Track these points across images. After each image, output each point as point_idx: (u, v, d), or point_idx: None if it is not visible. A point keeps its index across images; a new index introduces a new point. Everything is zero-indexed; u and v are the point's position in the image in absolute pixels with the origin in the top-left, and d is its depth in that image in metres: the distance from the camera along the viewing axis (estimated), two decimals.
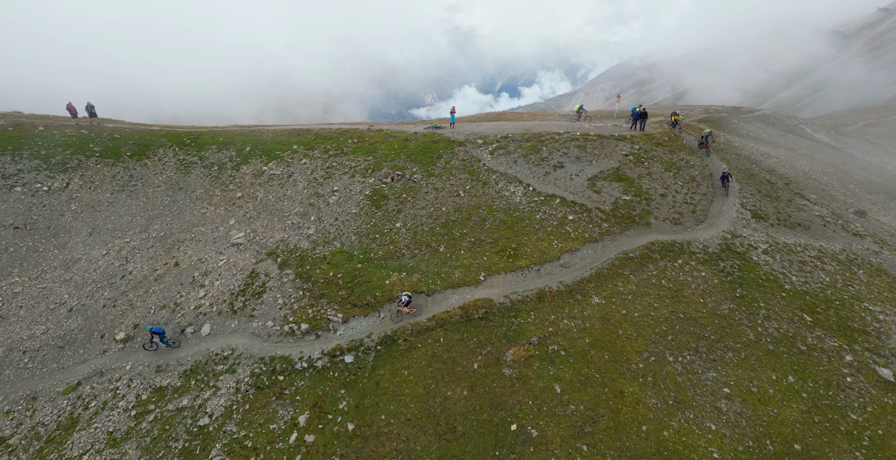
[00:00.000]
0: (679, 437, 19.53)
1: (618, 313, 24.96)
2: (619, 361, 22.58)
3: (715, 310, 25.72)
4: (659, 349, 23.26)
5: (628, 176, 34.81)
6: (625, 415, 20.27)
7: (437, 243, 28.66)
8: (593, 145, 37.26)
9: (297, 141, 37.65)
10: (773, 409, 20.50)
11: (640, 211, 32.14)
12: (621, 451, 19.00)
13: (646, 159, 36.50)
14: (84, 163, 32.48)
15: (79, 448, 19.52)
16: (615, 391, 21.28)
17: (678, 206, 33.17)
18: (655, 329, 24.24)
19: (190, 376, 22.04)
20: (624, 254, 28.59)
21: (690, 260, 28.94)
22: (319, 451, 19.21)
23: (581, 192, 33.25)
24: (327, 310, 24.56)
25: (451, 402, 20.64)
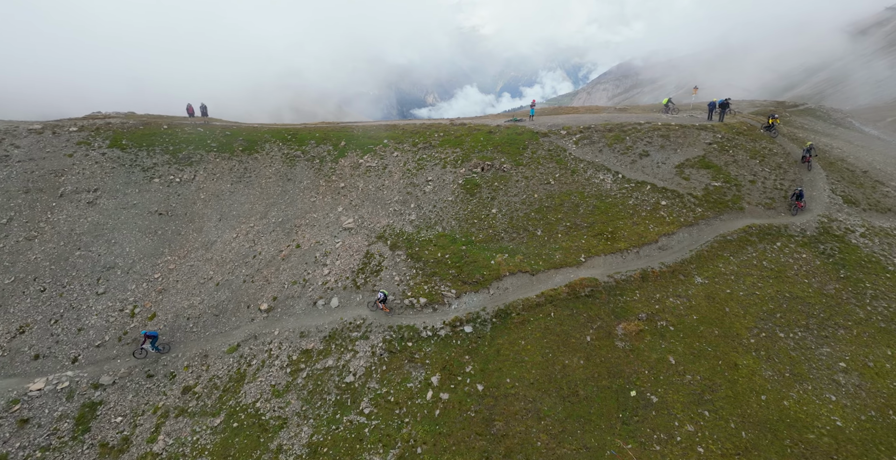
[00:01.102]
0: (800, 406, 20.76)
1: (722, 292, 26.23)
2: (729, 336, 23.93)
3: (821, 289, 26.48)
4: (768, 326, 24.40)
5: (715, 163, 35.64)
6: (742, 386, 21.69)
7: (533, 227, 30.81)
8: (676, 134, 38.19)
9: (386, 135, 40.78)
10: (893, 383, 21.28)
11: (731, 196, 33.03)
12: (743, 418, 20.48)
13: (730, 147, 37.12)
14: (205, 158, 36.90)
15: (251, 396, 23.13)
16: (729, 363, 22.70)
17: (769, 192, 33.74)
18: (762, 307, 25.36)
19: (330, 341, 25.31)
20: (721, 236, 29.75)
21: (789, 242, 29.72)
22: (455, 407, 21.85)
23: (670, 179, 34.44)
24: (441, 286, 27.25)
25: (569, 370, 22.76)
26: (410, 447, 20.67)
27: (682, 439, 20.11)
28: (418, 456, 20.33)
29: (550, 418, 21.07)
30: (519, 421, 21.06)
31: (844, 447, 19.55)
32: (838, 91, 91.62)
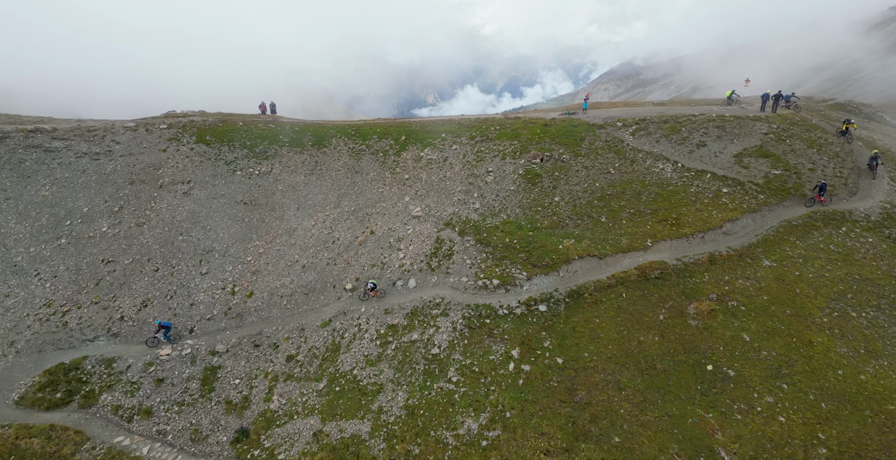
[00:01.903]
0: (877, 380, 21.56)
1: (791, 274, 27.00)
2: (801, 316, 24.78)
3: (889, 272, 26.91)
4: (840, 306, 25.11)
5: (773, 152, 36.02)
6: (818, 361, 22.59)
7: (597, 214, 32.15)
8: (731, 125, 38.63)
9: (443, 130, 42.71)
10: None
11: (792, 184, 33.47)
12: (821, 390, 21.45)
13: (786, 137, 37.35)
14: (279, 152, 39.74)
15: (347, 365, 25.52)
16: (803, 340, 23.61)
17: (829, 179, 33.89)
18: (832, 288, 26.04)
19: (412, 317, 27.45)
20: (787, 222, 30.40)
21: (854, 227, 30.11)
22: (538, 377, 23.59)
23: (729, 168, 35.10)
24: (511, 269, 28.99)
25: (645, 345, 24.15)
26: (499, 411, 22.55)
27: (763, 409, 21.26)
28: (507, 419, 22.19)
29: (630, 389, 22.55)
30: (600, 391, 22.63)
31: None
32: (845, 89, 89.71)
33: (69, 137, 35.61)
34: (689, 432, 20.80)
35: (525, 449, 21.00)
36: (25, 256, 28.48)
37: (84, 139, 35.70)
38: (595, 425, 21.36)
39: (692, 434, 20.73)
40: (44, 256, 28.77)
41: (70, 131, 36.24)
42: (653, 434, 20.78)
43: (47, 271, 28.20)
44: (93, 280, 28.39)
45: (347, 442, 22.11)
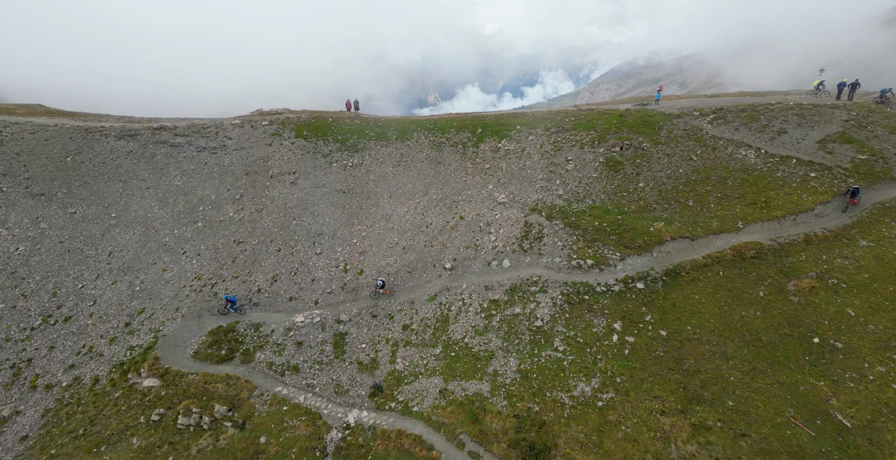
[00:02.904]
0: None
1: (890, 254, 27.12)
2: None
3: None
4: None
5: (856, 138, 35.67)
6: None
7: (684, 199, 33.01)
8: (810, 113, 38.40)
9: (517, 122, 44.35)
10: None
11: (880, 168, 33.18)
12: None
13: (867, 124, 36.82)
14: (367, 145, 42.52)
15: (458, 334, 27.75)
16: None
17: None
18: None
19: (512, 293, 29.37)
20: (880, 204, 30.36)
21: None
22: (643, 348, 24.99)
23: (814, 153, 35.06)
24: (604, 250, 30.38)
25: (748, 320, 25.08)
26: (609, 377, 24.12)
27: (875, 378, 21.87)
28: (618, 384, 23.74)
29: (738, 359, 23.61)
30: (707, 361, 23.80)
31: None
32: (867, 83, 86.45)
33: (188, 134, 39.56)
34: (803, 398, 21.72)
35: (640, 409, 22.52)
36: (171, 237, 32.27)
37: (201, 135, 39.58)
38: (707, 390, 22.61)
39: (805, 399, 21.64)
40: (186, 237, 32.49)
41: (188, 128, 40.22)
42: (766, 399, 21.83)
43: (191, 250, 31.88)
44: (229, 258, 31.87)
45: (472, 399, 24.29)
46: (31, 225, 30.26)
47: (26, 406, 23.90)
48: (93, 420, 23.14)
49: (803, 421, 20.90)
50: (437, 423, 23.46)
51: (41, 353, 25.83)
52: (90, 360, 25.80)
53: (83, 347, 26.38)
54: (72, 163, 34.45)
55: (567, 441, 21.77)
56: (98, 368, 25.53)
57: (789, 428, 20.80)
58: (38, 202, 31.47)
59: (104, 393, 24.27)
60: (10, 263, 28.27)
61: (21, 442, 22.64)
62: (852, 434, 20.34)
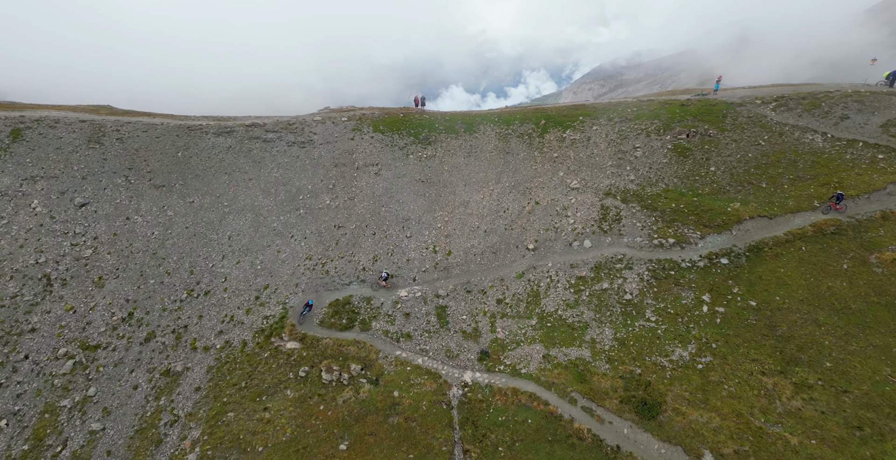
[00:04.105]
0: None
1: None
2: None
3: None
4: None
5: None
6: None
7: (756, 181, 34.17)
8: (869, 100, 38.94)
9: (578, 113, 45.85)
10: None
11: None
12: None
13: None
14: (438, 138, 44.64)
15: (550, 307, 29.67)
16: None
17: None
18: None
19: (598, 270, 31.10)
20: None
21: None
22: (734, 317, 26.46)
23: (878, 136, 35.72)
24: (684, 229, 31.83)
25: (835, 290, 26.30)
26: (705, 343, 25.69)
27: None
28: (714, 349, 25.30)
29: (829, 325, 24.91)
30: (800, 327, 25.16)
31: None
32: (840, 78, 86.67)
33: (278, 130, 42.30)
34: None
35: (740, 370, 24.07)
36: (279, 223, 34.96)
37: (289, 131, 42.29)
38: (803, 353, 24.00)
39: None
40: (291, 223, 35.16)
41: (275, 125, 42.99)
42: (862, 360, 23.13)
43: (298, 234, 34.51)
44: (332, 240, 34.40)
45: (575, 363, 26.18)
46: (159, 213, 33.27)
47: (192, 363, 26.80)
48: (250, 375, 25.90)
49: None
50: (547, 383, 25.43)
51: (193, 321, 28.73)
52: (234, 327, 28.60)
53: (225, 316, 29.19)
54: (182, 158, 37.46)
55: (674, 398, 23.48)
56: (243, 334, 28.29)
57: (888, 385, 22.09)
58: (161, 192, 34.49)
59: (254, 354, 27.00)
60: (150, 246, 31.28)
61: (196, 392, 25.54)
62: None
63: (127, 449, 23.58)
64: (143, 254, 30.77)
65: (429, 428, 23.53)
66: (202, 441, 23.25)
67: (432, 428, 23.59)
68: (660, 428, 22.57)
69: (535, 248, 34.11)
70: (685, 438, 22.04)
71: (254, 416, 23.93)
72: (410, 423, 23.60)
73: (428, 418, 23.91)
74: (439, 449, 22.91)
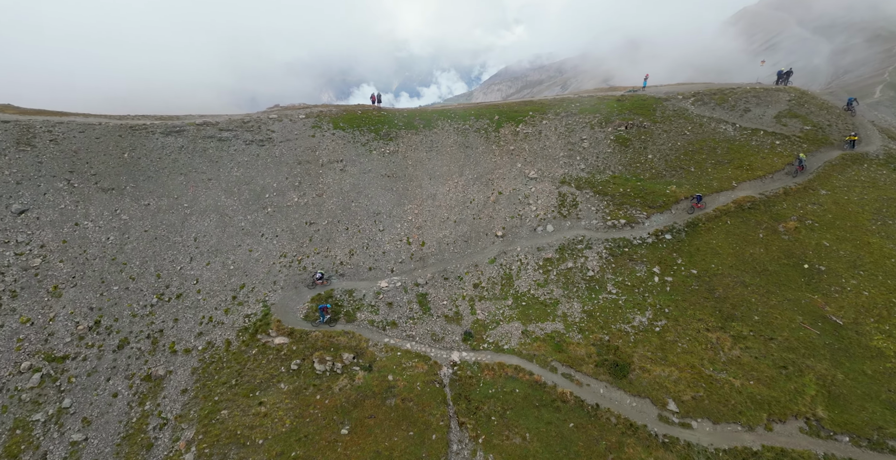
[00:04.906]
0: None
1: (843, 199, 34.04)
2: (858, 226, 31.80)
3: None
4: (880, 217, 32.24)
5: (800, 114, 43.04)
6: (877, 254, 29.65)
7: (686, 166, 38.62)
8: (763, 95, 45.51)
9: (528, 109, 48.39)
10: None
11: (821, 136, 40.54)
12: (885, 273, 28.53)
13: (804, 102, 44.41)
14: (399, 134, 44.93)
15: (523, 287, 31.63)
16: (864, 242, 30.63)
17: (843, 133, 41.10)
18: (872, 206, 33.18)
19: (562, 251, 33.60)
20: (827, 163, 37.56)
21: (871, 165, 37.40)
22: (680, 285, 30.10)
23: (774, 126, 41.95)
24: (632, 211, 35.31)
25: (755, 255, 30.85)
26: (659, 309, 29.03)
27: (851, 289, 28.20)
28: (667, 313, 28.70)
29: (754, 285, 29.25)
30: (732, 289, 29.27)
31: None
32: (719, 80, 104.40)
33: (232, 128, 40.22)
34: (806, 308, 27.65)
35: (689, 329, 27.59)
36: (246, 222, 33.50)
37: (245, 129, 40.37)
38: (737, 310, 28.05)
39: (808, 309, 27.59)
40: (260, 222, 33.84)
41: (229, 123, 40.82)
42: (781, 312, 27.56)
43: (269, 232, 33.33)
44: (306, 237, 33.68)
45: (552, 335, 28.37)
46: (112, 217, 30.45)
47: (175, 366, 25.23)
48: (240, 372, 25.01)
49: (810, 324, 26.80)
50: (529, 355, 27.36)
51: (168, 325, 26.88)
52: (214, 328, 27.25)
53: (203, 318, 27.67)
54: (129, 159, 34.47)
55: (639, 358, 26.42)
56: (225, 333, 27.08)
57: (802, 330, 26.60)
58: (111, 196, 31.55)
59: (241, 351, 26.04)
60: (107, 251, 28.60)
61: (183, 394, 24.15)
62: (844, 329, 26.48)
63: (115, 456, 22.04)
64: (101, 261, 28.23)
65: (425, 406, 24.46)
66: (197, 440, 22.29)
67: (428, 405, 24.54)
68: (630, 384, 25.37)
69: (504, 235, 35.99)
70: (652, 391, 25.00)
71: (249, 411, 23.33)
72: (408, 403, 24.36)
73: (423, 397, 24.81)
74: (437, 424, 23.95)
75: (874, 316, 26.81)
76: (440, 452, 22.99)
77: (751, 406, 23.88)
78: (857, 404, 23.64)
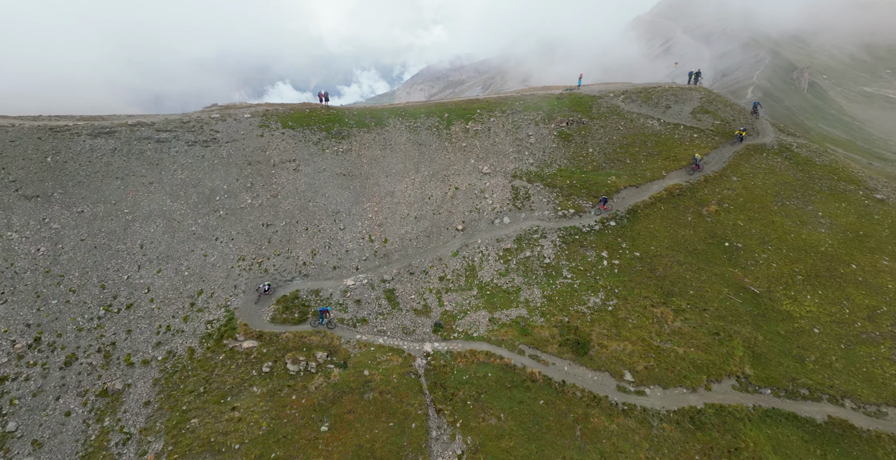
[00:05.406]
0: (810, 237, 33.93)
1: (750, 183, 39.05)
2: (764, 207, 36.73)
3: (794, 177, 40.01)
4: (780, 199, 37.52)
5: (711, 110, 48.49)
6: (780, 231, 34.55)
7: (622, 158, 42.01)
8: (680, 93, 50.60)
9: (477, 107, 49.77)
10: (847, 220, 35.05)
11: (728, 130, 45.91)
12: (788, 246, 33.34)
13: (712, 100, 50.08)
14: (351, 132, 44.27)
15: (486, 278, 32.85)
16: (770, 221, 35.49)
17: (745, 125, 47.01)
18: (773, 189, 38.48)
19: (520, 241, 35.28)
20: (735, 153, 42.72)
21: (769, 154, 43.12)
22: (626, 267, 32.93)
23: (690, 121, 46.82)
24: (580, 201, 37.88)
25: (686, 237, 34.51)
26: (610, 290, 31.58)
27: (762, 262, 32.57)
28: (617, 293, 31.31)
29: (687, 263, 32.73)
30: (669, 268, 32.54)
31: (835, 249, 32.90)
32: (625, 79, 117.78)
33: (171, 129, 37.37)
34: (730, 281, 31.53)
35: (637, 306, 30.35)
36: (197, 226, 31.41)
37: (186, 130, 37.70)
38: (675, 286, 31.27)
39: (732, 282, 31.48)
40: (212, 225, 31.89)
41: (167, 124, 37.88)
42: (710, 285, 31.18)
43: (223, 235, 31.53)
44: (264, 239, 32.31)
45: (517, 321, 29.86)
46: (40, 226, 27.19)
47: (133, 379, 23.27)
48: (207, 379, 23.71)
49: (734, 295, 30.60)
50: (497, 341, 28.62)
51: (121, 337, 24.63)
52: (173, 337, 25.44)
53: (160, 327, 25.70)
54: (54, 164, 30.93)
55: (597, 336, 28.67)
56: (187, 341, 25.41)
57: (728, 301, 30.32)
58: (36, 204, 28.14)
59: (207, 358, 24.64)
60: (39, 264, 25.50)
61: (145, 406, 22.39)
62: (760, 297, 30.58)
63: None
64: (34, 274, 25.26)
65: (403, 397, 24.84)
66: (167, 452, 21.03)
67: (406, 396, 24.95)
68: (591, 360, 27.50)
69: (464, 228, 37.03)
70: (610, 364, 27.29)
71: (222, 418, 22.32)
72: (385, 396, 24.60)
73: (400, 389, 25.18)
74: (415, 413, 24.45)
75: (782, 284, 31.25)
76: (421, 439, 23.53)
77: (693, 370, 26.92)
78: (775, 360, 27.53)
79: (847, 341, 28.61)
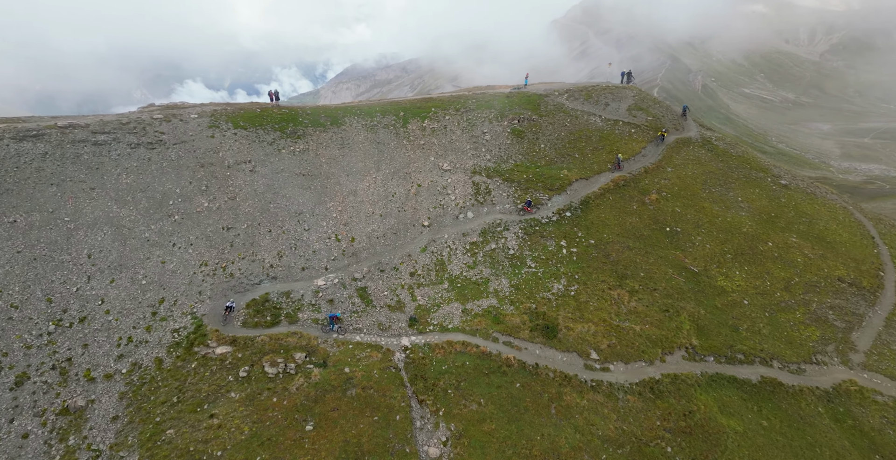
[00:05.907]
0: (734, 220, 38.55)
1: (682, 173, 43.34)
2: (695, 195, 40.99)
3: (716, 166, 45.09)
4: (707, 186, 42.12)
5: (643, 107, 52.94)
6: (710, 216, 38.85)
7: (572, 152, 44.70)
8: (616, 91, 54.72)
9: (431, 105, 50.44)
10: (761, 204, 40.23)
11: (659, 125, 50.44)
12: (718, 230, 37.56)
13: (644, 99, 54.74)
14: (307, 131, 43.14)
15: (456, 270, 33.75)
16: (701, 207, 39.71)
17: (673, 122, 52.02)
18: (700, 178, 43.05)
19: (484, 234, 36.56)
20: (668, 146, 47.06)
21: (695, 146, 48.06)
22: (583, 254, 35.32)
23: (627, 117, 50.79)
24: (537, 194, 39.88)
25: (632, 224, 37.64)
26: (570, 276, 33.75)
27: (698, 244, 36.41)
28: (577, 279, 33.55)
29: (636, 248, 35.75)
30: (621, 253, 35.36)
31: (754, 230, 37.66)
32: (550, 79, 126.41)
33: (109, 131, 34.39)
34: (673, 262, 34.93)
35: (596, 290, 32.74)
36: (151, 233, 29.27)
37: (127, 131, 34.86)
38: (628, 270, 34.08)
39: (675, 263, 34.90)
40: (167, 230, 29.87)
41: (103, 125, 34.82)
42: (657, 267, 34.34)
43: (180, 241, 29.64)
44: (226, 243, 30.79)
45: (489, 310, 31.08)
46: None
47: (96, 395, 21.38)
48: (180, 388, 22.44)
49: (678, 274, 33.94)
50: (472, 330, 29.66)
51: (77, 352, 22.48)
52: (137, 348, 23.70)
53: (120, 339, 23.79)
54: None
55: (563, 319, 30.60)
56: (153, 352, 23.77)
57: (673, 280, 33.58)
58: None
59: (177, 368, 23.25)
60: None
61: (113, 421, 20.70)
62: (699, 275, 34.22)
63: None
64: None
65: (385, 391, 25.12)
66: None
67: (388, 390, 25.26)
68: (560, 343, 29.34)
69: (430, 224, 37.67)
70: (577, 345, 29.29)
71: (200, 426, 21.32)
72: (368, 391, 24.76)
73: (382, 383, 25.44)
74: (399, 405, 24.86)
75: (716, 262, 35.17)
76: (406, 430, 24.00)
77: (649, 345, 29.62)
78: (715, 331, 31.01)
79: (770, 309, 32.91)
